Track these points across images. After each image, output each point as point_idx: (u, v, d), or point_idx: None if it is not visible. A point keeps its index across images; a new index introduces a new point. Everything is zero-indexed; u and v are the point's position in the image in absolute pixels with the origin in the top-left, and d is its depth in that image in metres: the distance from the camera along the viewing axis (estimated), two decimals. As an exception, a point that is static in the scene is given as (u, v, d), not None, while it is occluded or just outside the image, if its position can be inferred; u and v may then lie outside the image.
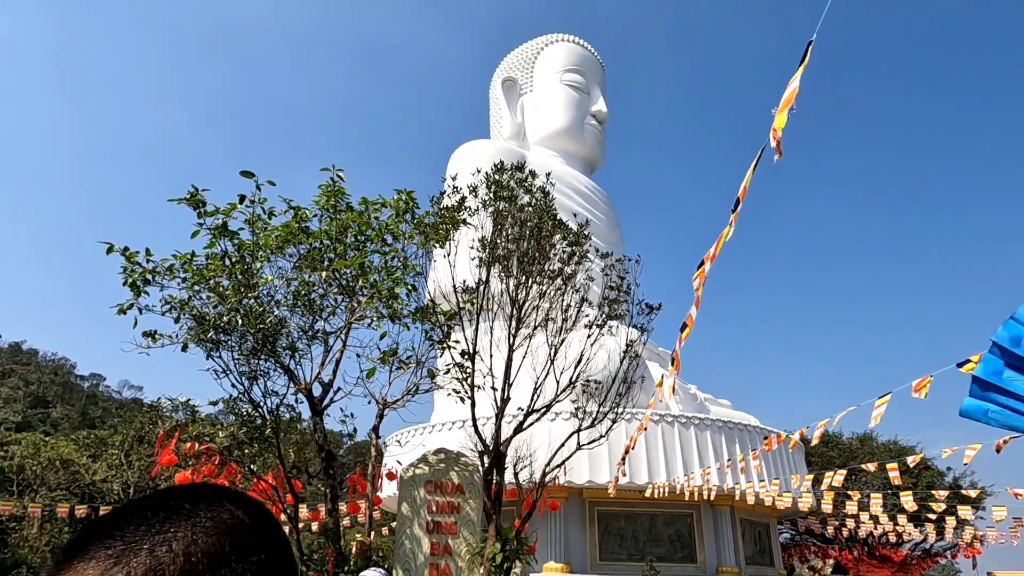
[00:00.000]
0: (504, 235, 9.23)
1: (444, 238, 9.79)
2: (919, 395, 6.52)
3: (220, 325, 8.18)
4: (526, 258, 9.42)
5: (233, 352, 8.27)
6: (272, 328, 8.21)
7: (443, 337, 9.39)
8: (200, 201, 10.01)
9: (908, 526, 25.52)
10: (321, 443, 9.86)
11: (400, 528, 10.74)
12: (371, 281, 9.82)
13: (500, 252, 9.40)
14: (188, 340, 8.29)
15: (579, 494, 19.12)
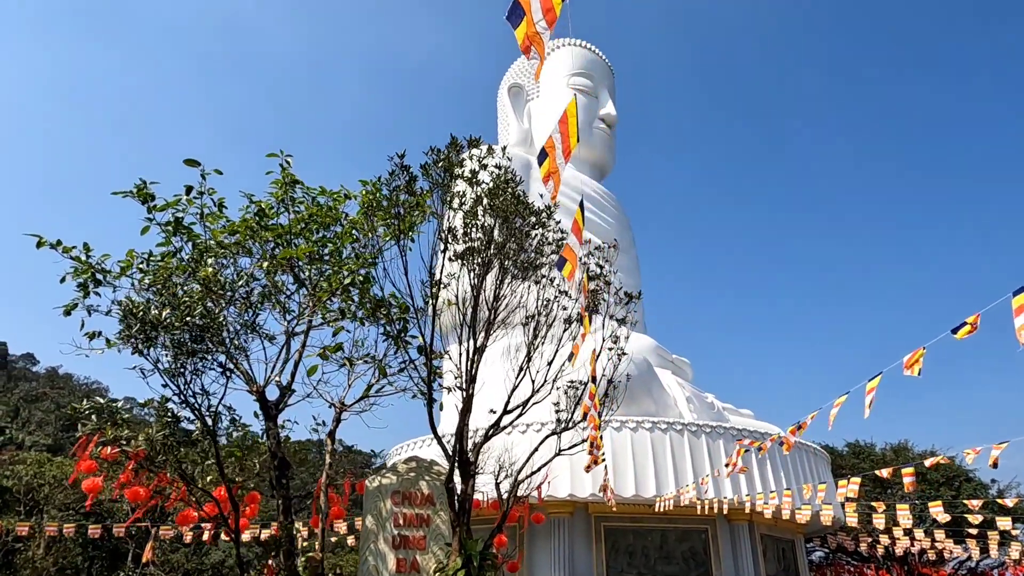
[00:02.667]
0: (458, 217, 8.41)
1: (406, 228, 9.02)
2: (911, 372, 5.54)
3: (149, 320, 7.50)
4: (489, 245, 8.58)
5: (167, 349, 7.59)
6: (203, 322, 7.50)
7: (397, 332, 8.60)
8: (149, 195, 9.45)
9: (948, 542, 23.79)
10: (274, 450, 9.11)
11: (363, 543, 9.90)
12: (323, 272, 9.10)
13: (460, 238, 8.58)
14: (116, 339, 7.62)
15: (584, 509, 18.04)
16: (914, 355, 5.59)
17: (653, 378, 19.79)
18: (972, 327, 5.09)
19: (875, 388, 6.23)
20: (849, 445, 33.70)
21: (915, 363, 5.55)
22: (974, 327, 5.09)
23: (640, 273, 29.97)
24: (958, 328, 5.16)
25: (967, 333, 5.09)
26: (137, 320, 7.49)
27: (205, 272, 8.16)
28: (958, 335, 5.15)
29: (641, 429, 17.70)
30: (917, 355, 5.57)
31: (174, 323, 7.33)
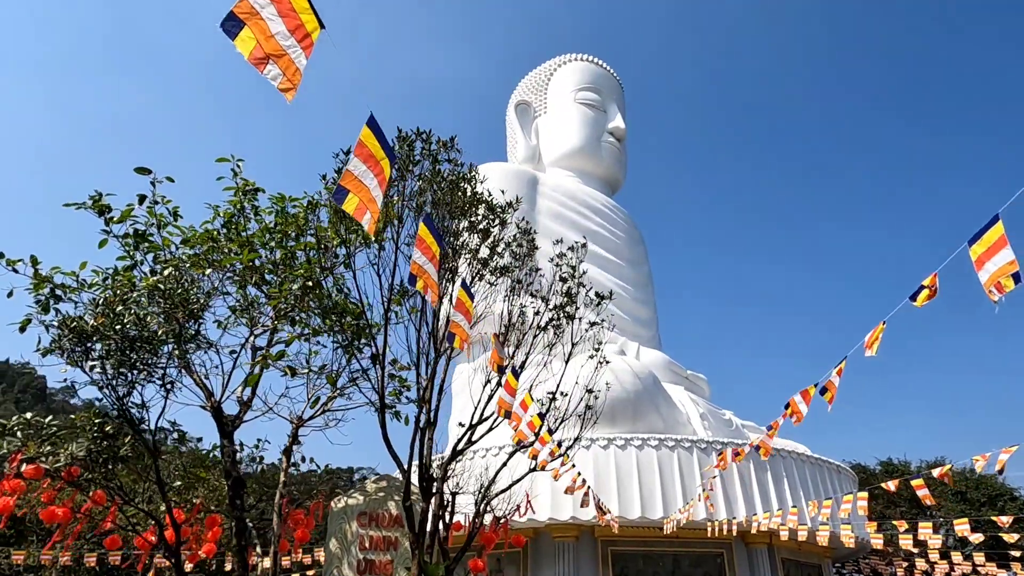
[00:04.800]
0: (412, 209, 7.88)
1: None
2: (871, 351, 4.82)
3: (81, 329, 7.10)
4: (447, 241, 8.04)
5: (101, 360, 7.16)
6: (136, 331, 7.07)
7: (349, 341, 8.07)
8: (104, 207, 9.15)
9: (991, 566, 22.20)
10: (228, 469, 8.59)
11: (327, 568, 9.28)
12: (276, 281, 8.64)
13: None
14: (48, 350, 7.24)
15: (590, 532, 17.14)
16: (874, 333, 4.87)
17: (660, 393, 18.92)
18: (931, 290, 4.38)
19: (841, 372, 5.50)
20: (882, 464, 32.05)
21: (875, 341, 4.83)
22: (933, 290, 4.38)
23: (654, 288, 29.16)
24: (916, 294, 4.46)
25: (927, 299, 4.38)
26: (68, 330, 7.09)
27: (147, 281, 7.76)
28: (917, 302, 4.45)
29: (647, 447, 16.82)
30: (877, 332, 4.85)
31: (104, 332, 6.91)
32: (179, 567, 7.57)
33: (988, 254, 3.69)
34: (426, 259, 4.60)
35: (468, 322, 5.46)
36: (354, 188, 3.64)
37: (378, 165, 3.73)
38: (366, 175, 3.66)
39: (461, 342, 5.42)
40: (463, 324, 5.37)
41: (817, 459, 19.17)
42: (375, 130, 3.76)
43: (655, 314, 27.93)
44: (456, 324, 4.86)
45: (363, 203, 3.66)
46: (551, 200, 27.26)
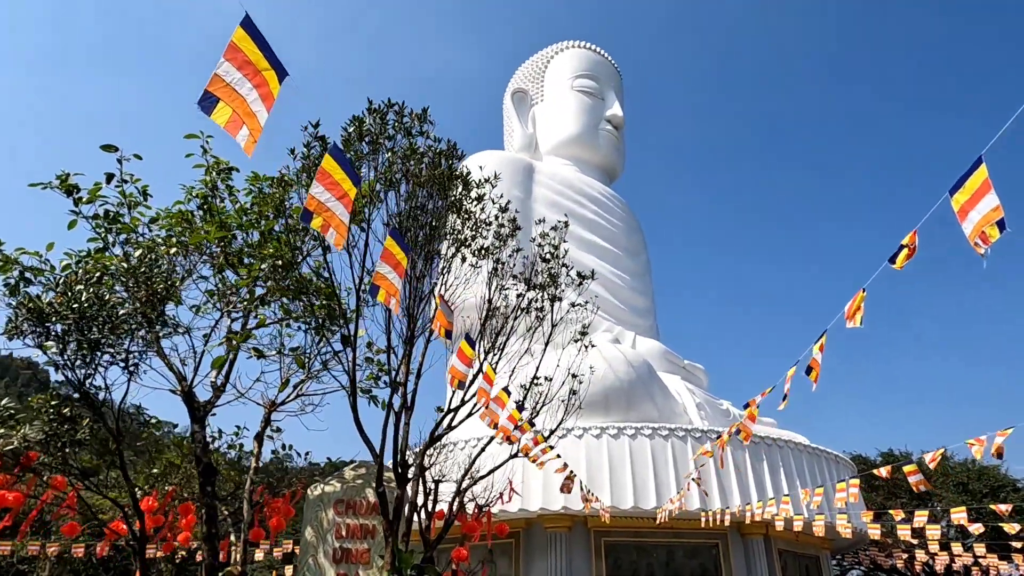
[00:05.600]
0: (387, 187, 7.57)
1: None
2: (853, 323, 4.52)
3: (39, 308, 6.84)
4: (418, 219, 7.74)
5: (59, 340, 6.91)
6: (95, 311, 6.80)
7: (320, 322, 7.79)
8: (72, 187, 8.88)
9: (992, 557, 21.89)
10: (199, 455, 8.35)
11: (302, 557, 9.03)
12: (246, 260, 8.37)
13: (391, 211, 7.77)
14: (7, 329, 6.98)
15: (583, 523, 16.88)
16: (854, 301, 4.56)
17: (655, 382, 18.62)
18: (910, 249, 4.08)
19: (822, 349, 5.19)
20: (883, 455, 31.74)
21: (856, 311, 4.52)
22: (912, 248, 4.08)
23: (652, 278, 28.82)
24: (895, 255, 4.16)
25: (907, 259, 4.08)
26: (26, 309, 6.82)
27: (110, 260, 7.49)
28: (897, 264, 4.15)
29: (640, 436, 16.53)
30: (857, 301, 4.54)
31: (60, 311, 6.65)
32: (143, 556, 7.33)
33: (972, 202, 3.37)
34: (390, 268, 4.42)
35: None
36: (225, 96, 3.35)
37: (259, 75, 3.44)
38: (241, 83, 3.37)
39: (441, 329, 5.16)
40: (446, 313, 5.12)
41: (815, 449, 18.87)
42: (253, 34, 3.45)
43: (653, 304, 27.60)
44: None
45: (237, 115, 3.37)
46: (547, 188, 26.91)
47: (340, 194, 3.76)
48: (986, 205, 3.29)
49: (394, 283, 4.43)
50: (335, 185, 3.74)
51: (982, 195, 3.29)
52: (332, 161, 3.75)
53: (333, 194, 3.73)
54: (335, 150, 3.78)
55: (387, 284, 4.36)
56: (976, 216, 3.32)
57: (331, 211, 3.72)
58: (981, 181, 3.30)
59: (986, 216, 3.28)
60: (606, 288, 25.14)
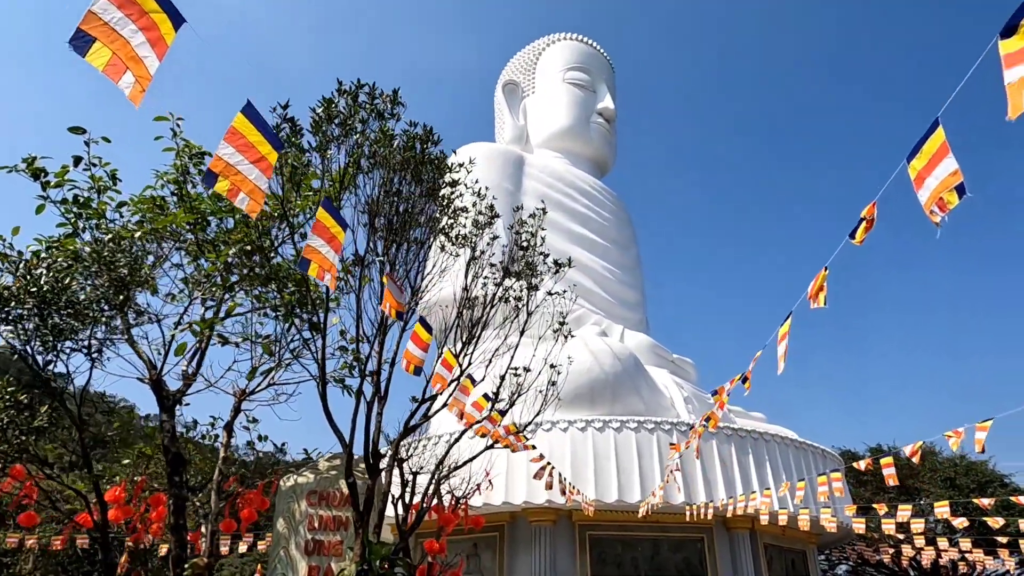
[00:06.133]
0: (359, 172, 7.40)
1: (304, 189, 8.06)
2: (817, 303, 4.40)
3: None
4: (387, 202, 7.57)
5: (15, 324, 6.73)
6: (55, 295, 6.63)
7: (290, 308, 7.62)
8: (39, 170, 8.68)
9: (978, 552, 21.92)
10: (167, 444, 8.19)
11: (273, 549, 8.88)
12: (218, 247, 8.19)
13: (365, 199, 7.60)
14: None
15: (568, 517, 16.79)
16: (817, 281, 4.42)
17: (642, 375, 18.52)
18: (869, 222, 3.94)
19: (786, 334, 5.07)
20: (871, 450, 31.76)
21: (819, 291, 4.39)
22: (871, 221, 3.94)
23: (642, 272, 28.72)
24: (855, 229, 4.02)
25: (866, 231, 3.94)
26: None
27: (71, 244, 7.31)
28: (856, 239, 4.01)
29: (626, 429, 16.44)
30: (820, 280, 4.40)
31: (17, 294, 6.48)
32: (106, 548, 7.17)
33: (928, 168, 3.19)
34: (323, 241, 4.22)
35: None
36: (103, 37, 3.18)
37: (145, 16, 3.27)
38: (122, 24, 3.20)
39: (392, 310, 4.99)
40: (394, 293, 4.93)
41: (802, 443, 18.81)
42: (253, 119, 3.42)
43: (643, 298, 27.50)
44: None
45: (119, 58, 3.21)
46: (538, 181, 26.75)
47: (256, 157, 3.58)
48: (944, 170, 3.11)
49: (328, 257, 4.24)
50: (249, 147, 3.55)
51: (940, 159, 3.12)
52: (245, 120, 3.54)
53: (247, 157, 3.54)
54: (248, 109, 3.59)
55: (320, 258, 4.17)
56: (933, 182, 3.14)
57: (242, 174, 3.52)
58: (939, 145, 3.12)
59: (944, 181, 3.10)
60: (595, 281, 25.04)
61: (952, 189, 3.03)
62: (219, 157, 3.45)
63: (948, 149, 3.07)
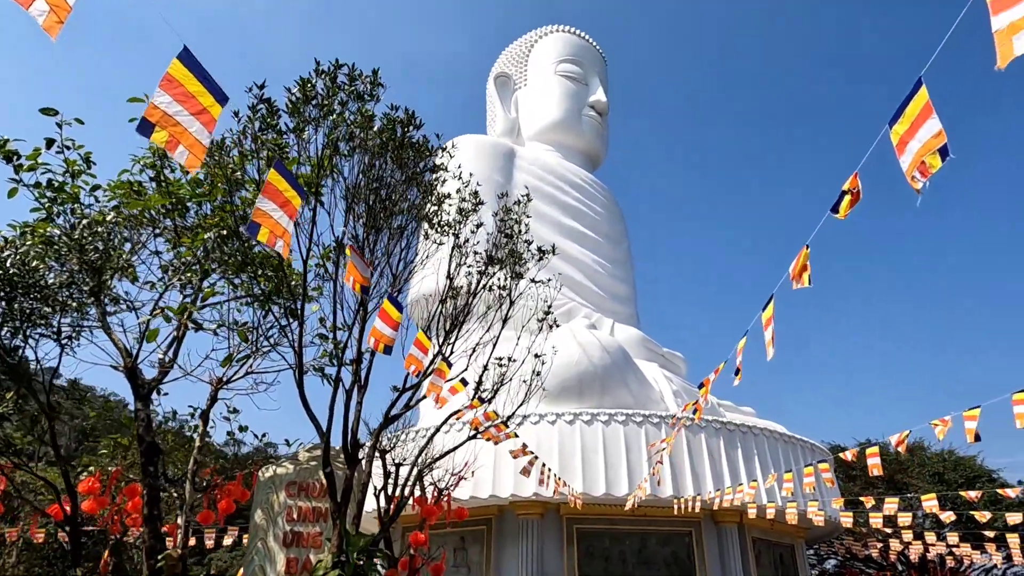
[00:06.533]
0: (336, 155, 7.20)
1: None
2: (800, 283, 4.26)
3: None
4: (369, 186, 7.39)
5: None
6: (19, 276, 6.43)
7: (266, 293, 7.45)
8: (11, 152, 8.46)
9: (965, 547, 21.96)
10: (142, 434, 8.00)
11: (251, 541, 8.72)
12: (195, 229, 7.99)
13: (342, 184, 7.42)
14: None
15: (556, 510, 16.69)
16: (799, 260, 4.28)
17: (631, 368, 18.41)
18: (853, 195, 3.80)
19: (771, 318, 4.93)
20: (861, 444, 31.81)
21: (802, 270, 4.25)
22: (856, 194, 3.80)
23: (633, 265, 28.60)
24: (837, 203, 3.89)
25: (851, 205, 3.80)
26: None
27: (40, 227, 7.11)
28: (840, 213, 3.88)
29: (614, 422, 16.33)
30: (802, 259, 4.26)
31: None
32: (76, 540, 6.99)
33: (911, 131, 3.04)
34: (275, 205, 3.98)
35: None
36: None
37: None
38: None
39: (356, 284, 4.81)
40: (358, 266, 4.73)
41: (790, 437, 18.76)
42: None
43: (633, 292, 27.40)
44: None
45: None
46: (529, 174, 26.56)
47: (196, 109, 3.38)
48: (927, 132, 2.96)
49: (281, 223, 4.03)
50: (188, 98, 3.35)
51: (922, 121, 2.97)
52: (183, 68, 3.31)
53: (186, 107, 3.34)
54: (186, 55, 3.38)
55: (271, 223, 3.96)
56: (916, 145, 2.99)
57: (182, 126, 3.33)
58: (921, 106, 2.97)
59: (926, 144, 2.95)
60: (586, 275, 24.92)
61: (935, 152, 2.89)
62: (155, 106, 3.24)
63: (932, 110, 2.93)
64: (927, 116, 2.93)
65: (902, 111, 3.06)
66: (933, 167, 2.93)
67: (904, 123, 3.04)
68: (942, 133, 2.88)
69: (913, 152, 2.98)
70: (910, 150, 3.00)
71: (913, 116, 2.98)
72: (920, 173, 2.96)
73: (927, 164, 2.93)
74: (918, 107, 2.97)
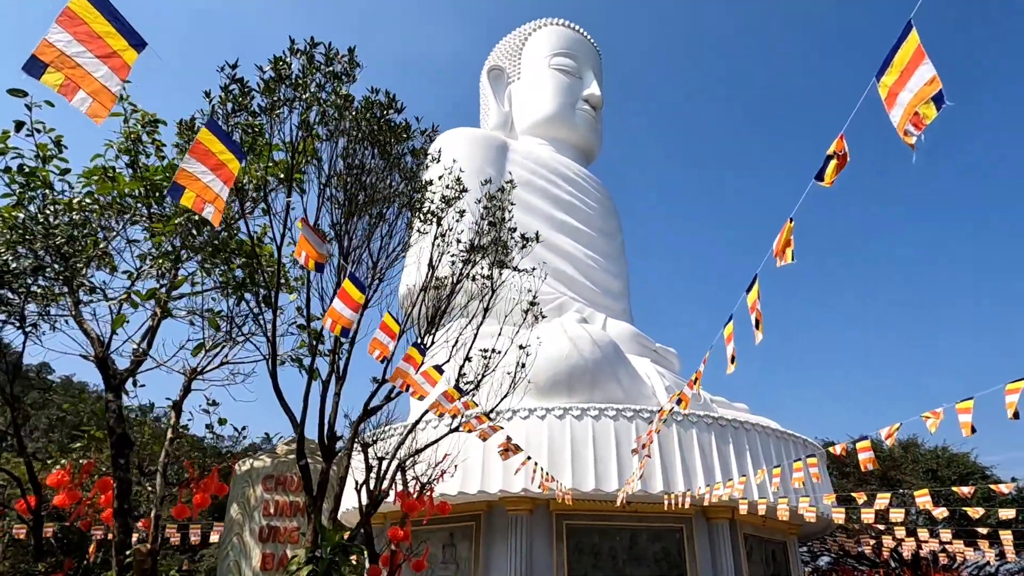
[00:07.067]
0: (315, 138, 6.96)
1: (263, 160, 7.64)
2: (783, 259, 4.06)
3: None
4: (352, 172, 7.17)
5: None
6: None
7: (240, 281, 7.21)
8: (-19, 135, 8.20)
9: (958, 543, 21.85)
10: (112, 425, 7.78)
11: (226, 536, 8.51)
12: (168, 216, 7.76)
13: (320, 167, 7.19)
14: None
15: (545, 506, 16.48)
16: (782, 235, 4.06)
17: (622, 363, 18.21)
18: (839, 159, 3.57)
19: (756, 300, 4.73)
20: (854, 441, 31.72)
21: (785, 246, 4.04)
22: (842, 158, 3.57)
23: (627, 261, 28.40)
24: (822, 169, 3.66)
25: (836, 171, 3.57)
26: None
27: (9, 210, 6.87)
28: (825, 179, 3.65)
29: (604, 417, 16.13)
30: (785, 233, 4.04)
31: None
32: (38, 535, 6.77)
33: (902, 80, 2.82)
34: (205, 168, 3.67)
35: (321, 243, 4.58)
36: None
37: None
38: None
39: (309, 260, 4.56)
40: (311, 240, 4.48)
41: (783, 433, 18.59)
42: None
43: (626, 287, 27.20)
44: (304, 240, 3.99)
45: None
46: (521, 168, 26.31)
47: (104, 52, 3.09)
48: (919, 79, 2.75)
49: (211, 187, 3.74)
50: (94, 38, 3.06)
51: (914, 68, 2.73)
52: (86, 3, 3.04)
53: (90, 48, 3.05)
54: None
55: (198, 186, 3.68)
56: (907, 96, 2.78)
57: (83, 68, 3.05)
58: (912, 51, 2.72)
59: (920, 92, 2.74)
60: (578, 270, 24.71)
61: (929, 100, 2.66)
62: (49, 43, 2.93)
63: (924, 54, 2.68)
64: (919, 62, 2.70)
65: (890, 60, 2.82)
66: (928, 117, 2.70)
67: (893, 73, 2.81)
68: (936, 79, 2.65)
69: (904, 104, 2.75)
70: (901, 102, 2.77)
71: (903, 64, 2.75)
72: (913, 126, 2.74)
73: (921, 115, 2.71)
74: (908, 53, 2.74)
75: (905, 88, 2.75)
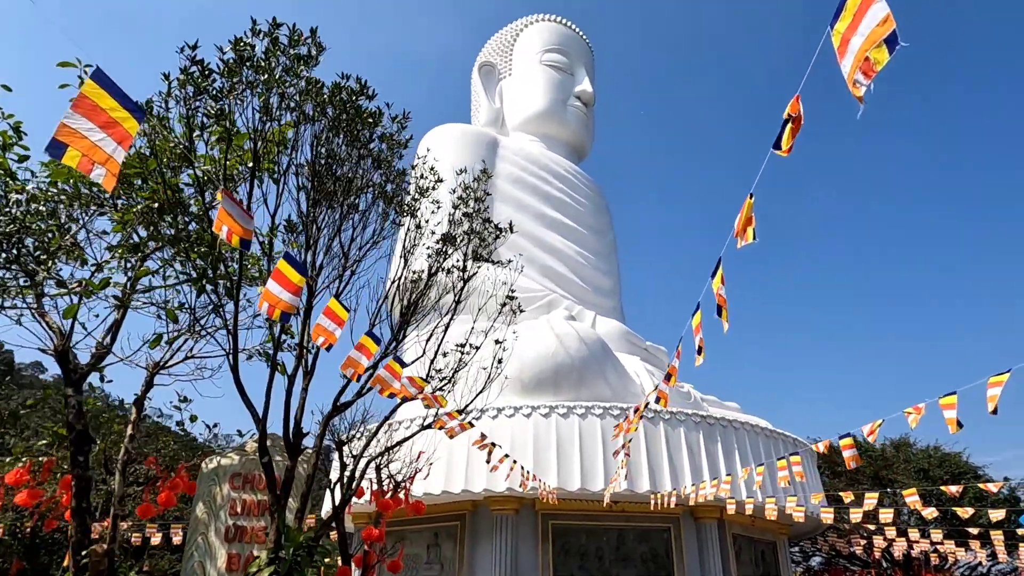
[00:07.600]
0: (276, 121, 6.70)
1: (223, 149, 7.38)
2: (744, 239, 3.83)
3: None
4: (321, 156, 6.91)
5: None
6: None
7: (202, 272, 6.95)
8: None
9: (949, 544, 21.68)
10: (71, 421, 7.51)
11: (191, 536, 8.24)
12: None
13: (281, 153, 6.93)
14: None
15: (531, 506, 16.23)
16: (743, 213, 3.82)
17: (610, 361, 17.96)
18: (795, 122, 3.32)
19: (721, 286, 4.49)
20: (840, 438, 31.57)
21: (746, 224, 3.80)
22: (797, 121, 3.32)
23: (618, 259, 28.17)
24: (779, 136, 3.43)
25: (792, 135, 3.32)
26: None
27: None
28: (783, 147, 3.41)
29: (591, 415, 15.89)
30: (746, 211, 3.80)
31: None
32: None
33: (854, 24, 2.55)
34: (93, 125, 3.37)
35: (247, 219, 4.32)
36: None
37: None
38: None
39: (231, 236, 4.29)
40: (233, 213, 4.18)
41: (772, 432, 18.39)
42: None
43: (617, 285, 26.97)
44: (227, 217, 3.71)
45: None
46: (512, 164, 26.08)
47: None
48: (871, 19, 2.48)
49: (101, 147, 3.44)
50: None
51: (867, 7, 2.48)
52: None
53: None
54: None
55: (85, 145, 3.38)
56: (859, 40, 2.51)
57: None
58: None
59: (871, 35, 2.47)
60: (568, 267, 24.48)
61: (881, 43, 2.40)
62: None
63: None
64: (872, 1, 2.44)
65: (844, 3, 2.56)
66: (879, 63, 2.44)
67: (846, 18, 2.55)
68: (889, 18, 2.38)
69: (855, 50, 2.49)
70: (852, 48, 2.51)
71: (856, 5, 2.49)
72: (863, 74, 2.48)
73: (872, 60, 2.45)
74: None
75: (856, 32, 2.48)
